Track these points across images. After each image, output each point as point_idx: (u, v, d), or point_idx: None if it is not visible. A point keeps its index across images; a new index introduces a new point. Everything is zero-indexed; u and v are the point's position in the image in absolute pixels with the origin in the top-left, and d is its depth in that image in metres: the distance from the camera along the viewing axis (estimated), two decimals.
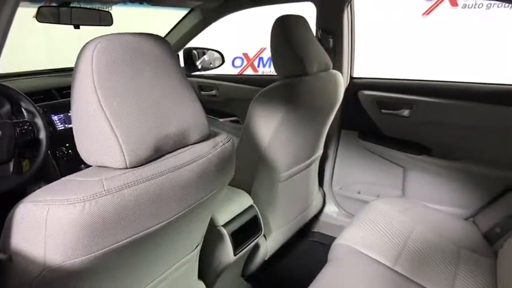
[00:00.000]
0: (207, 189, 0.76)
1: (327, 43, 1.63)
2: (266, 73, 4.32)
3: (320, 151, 1.60)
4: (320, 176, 1.80)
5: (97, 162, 0.61)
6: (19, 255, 0.56)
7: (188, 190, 0.69)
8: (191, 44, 2.09)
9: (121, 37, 0.63)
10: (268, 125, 1.22)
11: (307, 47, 1.29)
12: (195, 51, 2.06)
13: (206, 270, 1.12)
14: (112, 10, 1.69)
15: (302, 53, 1.25)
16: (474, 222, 1.49)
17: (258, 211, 1.26)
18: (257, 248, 1.38)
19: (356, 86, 1.69)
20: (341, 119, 1.75)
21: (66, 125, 1.40)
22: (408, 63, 3.18)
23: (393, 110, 1.58)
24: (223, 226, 1.11)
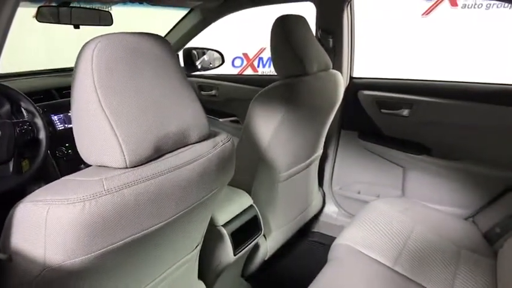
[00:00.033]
0: (207, 188, 0.76)
1: (327, 43, 1.63)
2: (266, 73, 4.31)
3: (320, 151, 1.60)
4: (320, 176, 1.80)
5: (97, 161, 0.61)
6: (19, 254, 0.56)
7: (188, 190, 0.69)
8: (191, 44, 2.09)
9: (121, 36, 0.63)
10: (268, 125, 1.22)
11: (307, 47, 1.29)
12: (195, 51, 2.06)
13: (206, 270, 1.12)
14: (112, 10, 1.69)
15: (302, 53, 1.25)
16: (474, 222, 1.49)
17: (258, 211, 1.26)
18: (257, 248, 1.38)
19: (356, 86, 1.69)
20: (341, 119, 1.75)
21: (66, 125, 1.40)
22: (408, 63, 3.18)
23: (393, 110, 1.58)
24: (223, 226, 1.11)
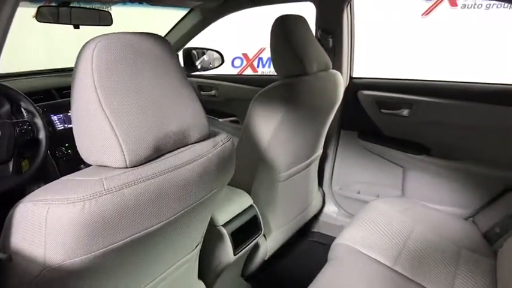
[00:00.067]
0: (207, 188, 0.76)
1: (327, 43, 1.63)
2: (265, 73, 4.31)
3: (320, 151, 1.60)
4: (320, 176, 1.80)
5: (97, 161, 0.61)
6: (19, 254, 0.56)
7: (188, 189, 0.69)
8: (191, 44, 2.09)
9: (121, 36, 0.63)
10: (268, 125, 1.22)
11: (306, 47, 1.29)
12: (195, 51, 2.06)
13: (206, 270, 1.12)
14: (112, 10, 1.69)
15: (302, 53, 1.25)
16: (474, 222, 1.49)
17: (258, 211, 1.26)
18: (257, 248, 1.38)
19: (356, 86, 1.69)
20: (341, 119, 1.75)
21: (65, 125, 1.40)
22: (408, 63, 3.18)
23: (393, 110, 1.58)
24: (223, 226, 1.11)
